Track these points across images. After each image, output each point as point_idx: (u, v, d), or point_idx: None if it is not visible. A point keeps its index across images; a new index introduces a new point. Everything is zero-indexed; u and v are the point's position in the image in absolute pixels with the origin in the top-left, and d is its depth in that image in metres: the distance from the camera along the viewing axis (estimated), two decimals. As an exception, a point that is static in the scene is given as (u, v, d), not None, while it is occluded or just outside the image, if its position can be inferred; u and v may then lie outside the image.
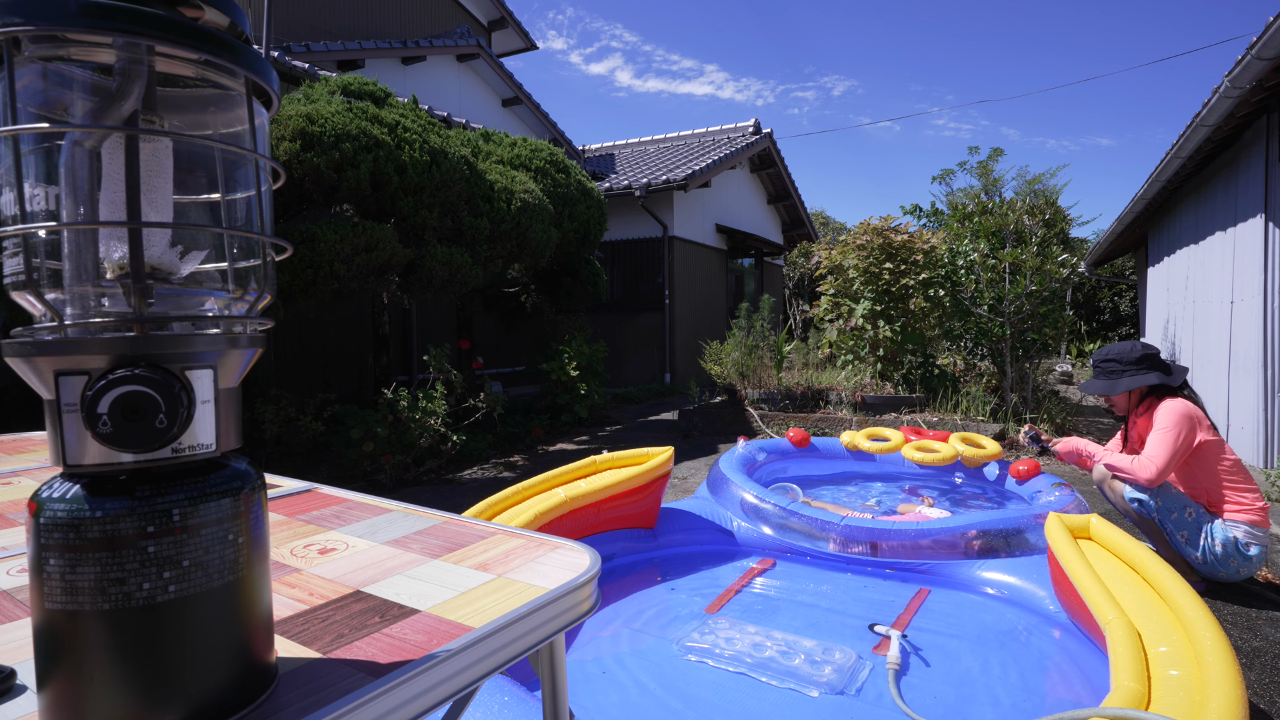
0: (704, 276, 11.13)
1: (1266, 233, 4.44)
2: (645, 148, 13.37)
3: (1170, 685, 1.30)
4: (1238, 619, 2.31)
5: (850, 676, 1.78)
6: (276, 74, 0.51)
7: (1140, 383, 2.58)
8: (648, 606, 2.30)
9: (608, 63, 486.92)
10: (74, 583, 0.41)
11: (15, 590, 0.69)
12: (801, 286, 16.71)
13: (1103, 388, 2.66)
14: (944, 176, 13.40)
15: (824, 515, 2.64)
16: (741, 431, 6.17)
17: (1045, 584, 2.23)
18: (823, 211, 22.89)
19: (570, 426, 6.77)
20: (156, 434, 0.42)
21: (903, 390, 6.46)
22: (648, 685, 1.78)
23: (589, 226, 6.60)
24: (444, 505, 3.85)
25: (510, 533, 0.87)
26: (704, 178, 9.91)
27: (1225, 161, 5.44)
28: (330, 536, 0.86)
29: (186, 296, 0.50)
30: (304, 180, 4.20)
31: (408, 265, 4.80)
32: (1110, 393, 2.65)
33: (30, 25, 0.40)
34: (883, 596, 2.35)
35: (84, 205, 0.45)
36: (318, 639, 0.58)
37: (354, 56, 7.57)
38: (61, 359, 0.42)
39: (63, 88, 0.47)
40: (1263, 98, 4.22)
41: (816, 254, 7.38)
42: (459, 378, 5.22)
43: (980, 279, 6.23)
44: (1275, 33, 3.52)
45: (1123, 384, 2.61)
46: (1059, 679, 1.85)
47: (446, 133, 5.21)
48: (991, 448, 3.53)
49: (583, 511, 2.46)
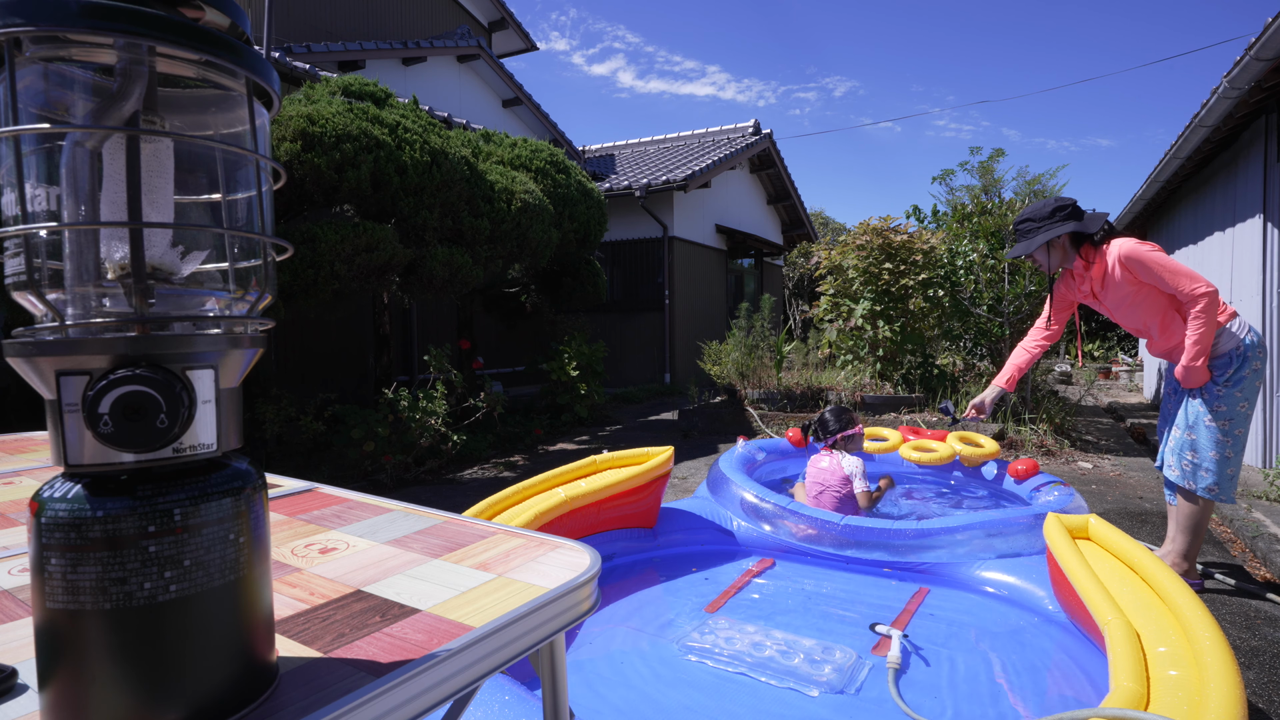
0: (704, 277, 11.13)
1: (1265, 233, 4.45)
2: (645, 148, 13.37)
3: (1169, 685, 1.30)
4: (1236, 619, 2.31)
5: (850, 676, 1.78)
6: (277, 74, 0.51)
7: (1056, 233, 2.50)
8: (648, 606, 2.30)
9: (610, 64, 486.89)
10: (75, 582, 0.41)
11: (17, 590, 0.69)
12: (801, 286, 16.71)
13: (1021, 249, 2.58)
14: (944, 176, 13.41)
15: (824, 514, 2.64)
16: (741, 431, 6.17)
17: (1044, 584, 2.23)
18: (822, 212, 22.90)
19: (570, 426, 6.77)
20: (157, 434, 0.42)
21: (902, 390, 6.46)
22: (647, 684, 1.78)
23: (589, 227, 6.60)
24: (444, 505, 3.85)
25: (510, 532, 0.87)
26: (704, 178, 9.91)
27: (1224, 162, 5.44)
28: (331, 536, 0.86)
29: (187, 297, 0.50)
30: (305, 180, 4.20)
31: (408, 265, 4.80)
32: (1028, 251, 2.56)
33: (31, 26, 0.40)
34: (882, 596, 2.35)
35: (85, 205, 0.45)
36: (318, 638, 0.59)
37: (355, 57, 7.57)
38: (63, 359, 0.43)
39: (64, 88, 0.47)
40: (1261, 98, 4.22)
41: (816, 254, 7.38)
42: (459, 378, 5.22)
43: (979, 279, 6.23)
44: (1274, 33, 3.52)
45: (1039, 239, 2.53)
46: (1058, 679, 1.85)
47: (447, 133, 5.21)
48: (989, 446, 3.52)
49: (583, 511, 2.46)
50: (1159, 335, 2.50)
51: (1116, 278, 2.46)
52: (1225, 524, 3.38)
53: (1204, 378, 2.40)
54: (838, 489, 2.94)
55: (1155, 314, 2.47)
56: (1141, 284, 2.43)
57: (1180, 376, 2.43)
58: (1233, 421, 2.38)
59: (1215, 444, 2.39)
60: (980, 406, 2.88)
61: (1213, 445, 2.40)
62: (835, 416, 3.14)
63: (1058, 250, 2.59)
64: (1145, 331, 2.55)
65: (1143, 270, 2.38)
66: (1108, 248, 2.48)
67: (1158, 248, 2.41)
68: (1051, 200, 2.56)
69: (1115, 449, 5.43)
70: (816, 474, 3.03)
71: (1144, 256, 2.37)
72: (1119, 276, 2.45)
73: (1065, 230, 2.50)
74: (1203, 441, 2.42)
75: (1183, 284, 2.32)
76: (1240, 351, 2.36)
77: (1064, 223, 2.51)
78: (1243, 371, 2.36)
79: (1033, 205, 2.60)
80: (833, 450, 3.07)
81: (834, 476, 2.96)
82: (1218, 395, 2.38)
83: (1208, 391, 2.40)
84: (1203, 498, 2.46)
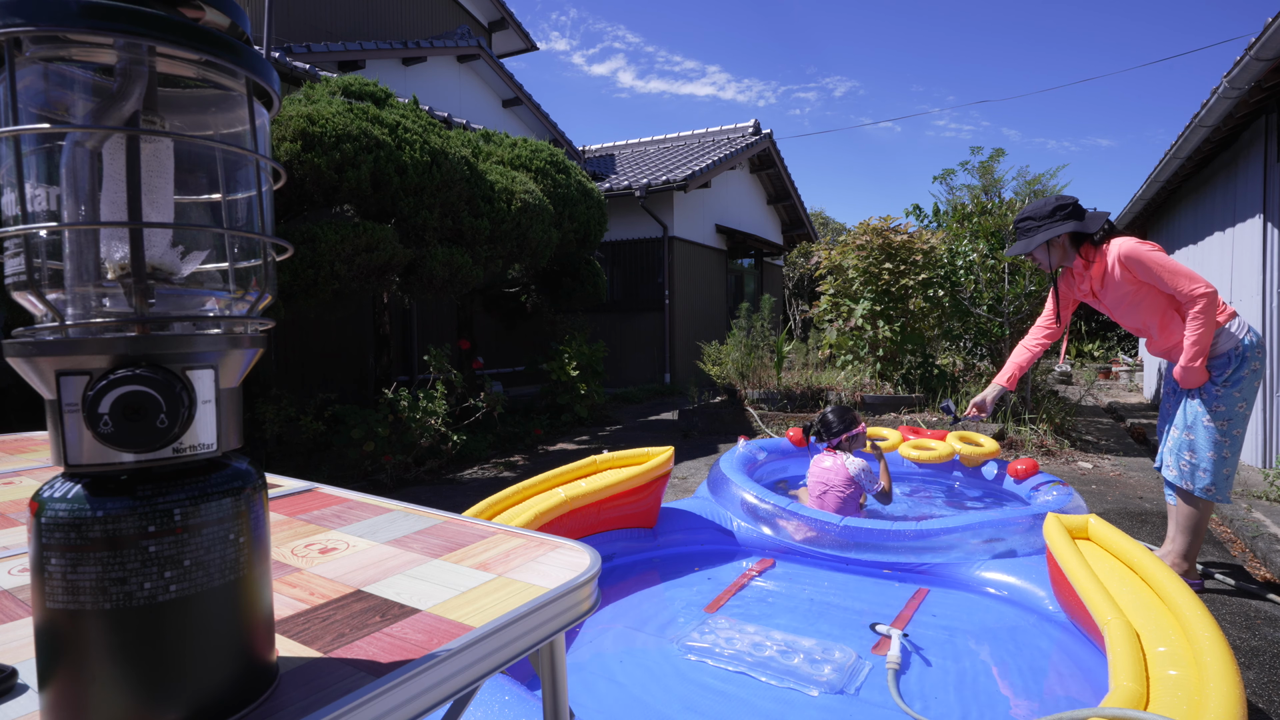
0: (704, 277, 11.13)
1: (1265, 233, 4.45)
2: (645, 148, 13.37)
3: (1169, 685, 1.30)
4: (1236, 619, 2.31)
5: (850, 676, 1.78)
6: (277, 74, 0.51)
7: (1056, 232, 2.49)
8: (648, 606, 2.30)
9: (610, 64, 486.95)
10: (75, 582, 0.41)
11: (17, 590, 0.69)
12: (801, 286, 16.71)
13: (1021, 247, 2.57)
14: (945, 176, 13.42)
15: (824, 515, 2.64)
16: (741, 431, 6.17)
17: (1044, 584, 2.23)
18: (822, 212, 22.89)
19: (570, 426, 6.77)
20: (157, 434, 0.42)
21: (902, 390, 6.46)
22: (648, 684, 1.78)
23: (589, 227, 6.60)
24: (444, 505, 3.85)
25: (510, 532, 0.87)
26: (704, 178, 9.91)
27: (1224, 162, 5.44)
28: (331, 536, 0.86)
29: (187, 297, 0.50)
30: (305, 180, 4.20)
31: (408, 265, 4.80)
32: (1028, 249, 2.56)
33: (31, 26, 0.40)
34: (882, 596, 2.35)
35: (85, 205, 0.45)
36: (318, 638, 0.59)
37: (355, 57, 7.57)
38: (63, 359, 0.43)
39: (64, 88, 0.47)
40: (1261, 98, 4.22)
41: (816, 254, 7.38)
42: (459, 378, 5.22)
43: (979, 279, 6.23)
44: (1274, 33, 3.52)
45: (1039, 238, 2.52)
46: (1058, 679, 1.85)
47: (447, 133, 5.21)
48: (989, 446, 3.53)
49: (583, 511, 2.46)
50: (1158, 335, 2.50)
51: (1116, 277, 2.46)
52: (1225, 524, 3.38)
53: (1202, 378, 2.39)
54: (841, 489, 2.94)
55: (1155, 314, 2.47)
56: (1141, 283, 2.43)
57: (1179, 377, 2.43)
58: (1231, 422, 2.38)
59: (1213, 444, 2.39)
60: (981, 405, 2.88)
61: (1210, 446, 2.40)
62: (838, 416, 3.14)
63: (1057, 249, 2.58)
64: (1145, 331, 2.55)
65: (1142, 270, 2.38)
66: (1107, 247, 2.47)
67: (1158, 247, 2.41)
68: (1052, 199, 2.56)
69: (1115, 449, 5.43)
70: (820, 474, 3.03)
71: (1143, 256, 2.37)
72: (1118, 276, 2.45)
73: (1065, 229, 2.50)
74: (1201, 442, 2.42)
75: (1181, 284, 2.32)
76: (1239, 352, 2.36)
77: (1064, 222, 2.51)
78: (1241, 372, 2.36)
79: (1033, 204, 2.60)
80: (836, 451, 3.07)
81: (838, 477, 2.96)
82: (1216, 395, 2.38)
83: (1206, 392, 2.40)
84: (1200, 498, 2.46)
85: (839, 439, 3.08)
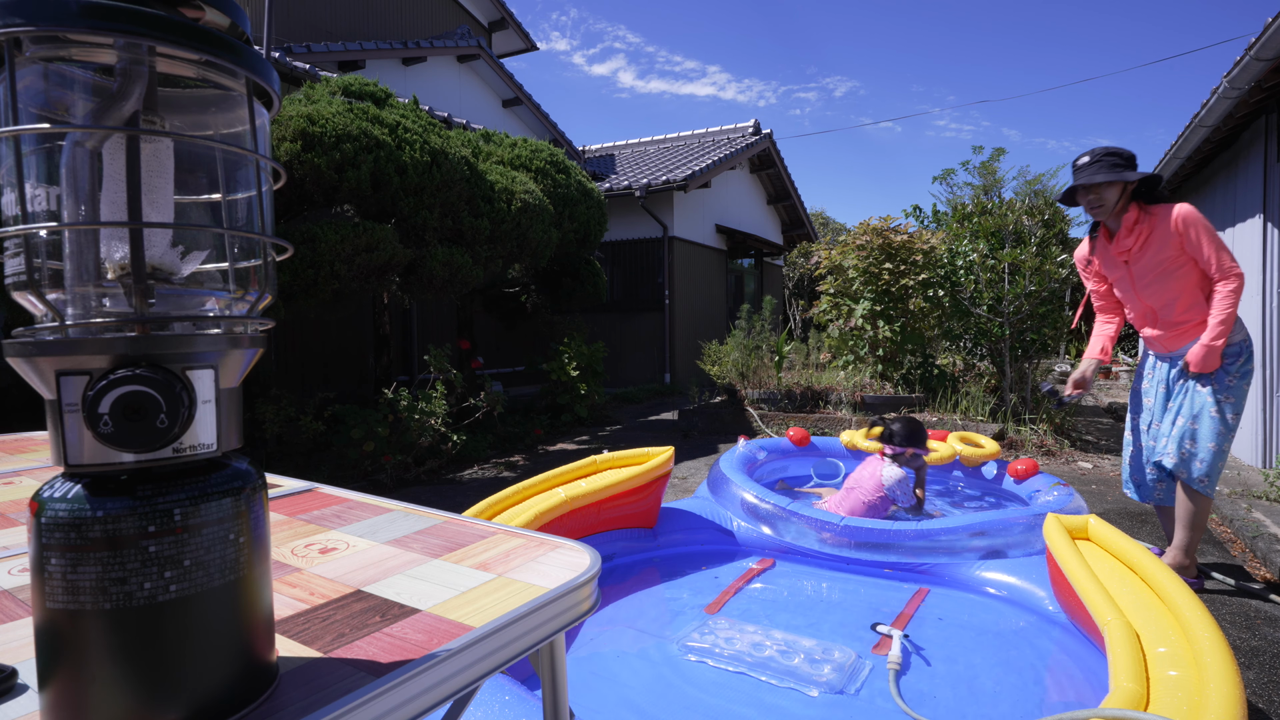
0: (704, 277, 11.13)
1: (1265, 233, 4.45)
2: (645, 148, 13.37)
3: (1169, 686, 1.30)
4: (1236, 619, 2.31)
5: (850, 676, 1.78)
6: (277, 74, 0.51)
7: (1140, 175, 2.42)
8: (648, 606, 2.30)
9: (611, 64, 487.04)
10: (75, 582, 0.41)
11: (17, 590, 0.69)
12: (801, 286, 16.70)
13: (1106, 175, 2.43)
14: (945, 176, 13.41)
15: (824, 515, 2.64)
16: (741, 431, 6.17)
17: (1044, 584, 2.23)
18: (823, 212, 22.89)
19: (570, 426, 6.77)
20: (157, 434, 0.42)
21: (902, 390, 6.46)
22: (648, 685, 1.78)
23: (589, 227, 6.60)
24: (444, 505, 3.85)
25: (510, 532, 0.87)
26: (704, 178, 9.91)
27: (1224, 162, 5.44)
28: (331, 536, 0.86)
29: (187, 297, 0.50)
30: (305, 180, 4.20)
31: (408, 265, 4.80)
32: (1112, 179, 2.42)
33: (31, 26, 0.40)
34: (882, 596, 2.35)
35: (85, 205, 0.45)
36: (318, 638, 0.59)
37: (355, 57, 7.57)
38: (63, 359, 0.43)
39: (64, 88, 0.47)
40: (1261, 98, 4.22)
41: (816, 254, 7.38)
42: (459, 377, 5.22)
43: (980, 279, 6.23)
44: (1274, 33, 3.52)
45: (1130, 175, 2.40)
46: (1058, 679, 1.85)
47: (447, 133, 5.21)
48: (990, 447, 3.53)
49: (583, 511, 2.46)
50: (1178, 312, 2.47)
51: (1164, 240, 2.41)
52: (1225, 524, 3.38)
53: (1216, 362, 2.39)
54: (868, 495, 2.94)
55: (1182, 288, 2.44)
56: (1183, 253, 2.41)
57: (1196, 358, 2.40)
58: (1237, 415, 2.41)
59: (1215, 435, 2.41)
60: (1082, 382, 2.78)
61: (1213, 436, 2.41)
62: (902, 428, 3.07)
63: (1125, 196, 2.49)
64: (1164, 306, 2.51)
65: (1195, 233, 2.36)
66: (1159, 209, 2.43)
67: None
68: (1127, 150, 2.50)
69: (1115, 449, 5.43)
70: (858, 473, 3.04)
71: (1202, 221, 2.36)
72: (1168, 239, 2.41)
73: (1141, 177, 2.43)
74: (1204, 432, 2.43)
75: (1225, 259, 2.34)
76: (1248, 344, 2.40)
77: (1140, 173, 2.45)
78: (1249, 365, 2.39)
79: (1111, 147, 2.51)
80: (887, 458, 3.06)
81: (870, 481, 2.96)
82: (1229, 386, 2.40)
83: (1218, 381, 2.42)
84: (1198, 492, 2.47)
85: (900, 450, 3.06)
